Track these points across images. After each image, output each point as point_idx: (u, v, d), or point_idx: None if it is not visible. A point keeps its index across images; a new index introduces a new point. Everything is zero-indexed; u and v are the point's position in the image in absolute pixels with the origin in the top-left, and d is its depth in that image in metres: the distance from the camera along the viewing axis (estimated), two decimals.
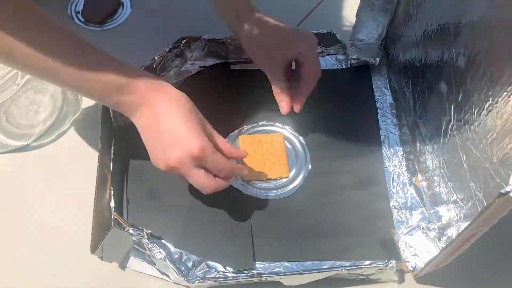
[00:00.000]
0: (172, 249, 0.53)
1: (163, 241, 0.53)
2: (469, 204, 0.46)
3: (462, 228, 0.46)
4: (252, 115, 0.62)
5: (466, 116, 0.45)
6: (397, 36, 0.62)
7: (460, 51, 0.46)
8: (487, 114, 0.41)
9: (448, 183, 0.51)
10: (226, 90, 0.65)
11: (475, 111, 0.43)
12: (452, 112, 0.48)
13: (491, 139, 0.41)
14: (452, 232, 0.50)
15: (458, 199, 0.49)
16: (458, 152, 0.48)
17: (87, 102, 0.65)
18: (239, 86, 0.65)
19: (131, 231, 0.49)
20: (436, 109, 0.52)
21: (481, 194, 0.43)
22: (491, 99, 0.40)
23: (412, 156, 0.60)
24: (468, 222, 0.45)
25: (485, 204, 0.42)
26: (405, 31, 0.60)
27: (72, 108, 0.64)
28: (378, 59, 0.66)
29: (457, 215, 0.49)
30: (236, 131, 0.62)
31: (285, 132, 0.62)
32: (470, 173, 0.45)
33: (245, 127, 0.62)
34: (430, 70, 0.53)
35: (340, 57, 0.68)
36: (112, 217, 0.51)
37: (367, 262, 0.52)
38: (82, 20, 0.72)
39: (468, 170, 0.46)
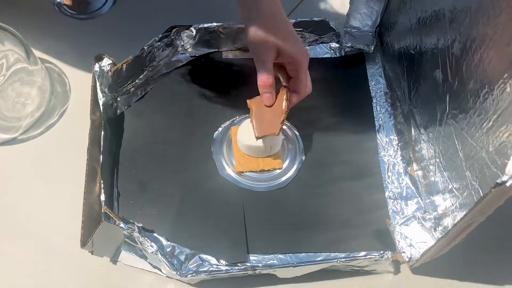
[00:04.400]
0: (165, 242, 0.52)
1: (155, 234, 0.52)
2: (465, 193, 0.45)
3: (458, 217, 0.46)
4: (244, 105, 0.61)
5: (462, 104, 0.44)
6: (392, 23, 0.61)
7: (455, 38, 0.45)
8: (483, 102, 0.40)
9: (444, 173, 0.50)
10: (218, 80, 0.64)
11: (471, 99, 0.43)
12: (448, 100, 0.47)
13: (487, 127, 0.40)
14: (448, 222, 0.49)
15: (454, 189, 0.48)
16: (454, 141, 0.47)
17: (76, 94, 0.63)
18: (231, 75, 0.64)
19: (121, 225, 0.48)
20: (432, 97, 0.51)
21: (477, 183, 0.43)
22: (487, 87, 0.40)
23: (407, 146, 0.59)
24: (464, 212, 0.45)
25: (481, 193, 0.42)
26: (399, 18, 0.58)
27: (61, 100, 0.63)
28: (372, 47, 0.64)
29: (453, 205, 0.49)
30: (228, 121, 0.61)
31: None
32: (466, 163, 0.45)
33: (237, 118, 0.61)
34: (425, 57, 0.52)
35: (334, 45, 0.67)
36: (103, 210, 0.50)
37: (362, 254, 0.51)
38: (66, 7, 0.70)
39: (464, 159, 0.45)
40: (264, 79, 0.53)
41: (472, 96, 0.42)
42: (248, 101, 0.56)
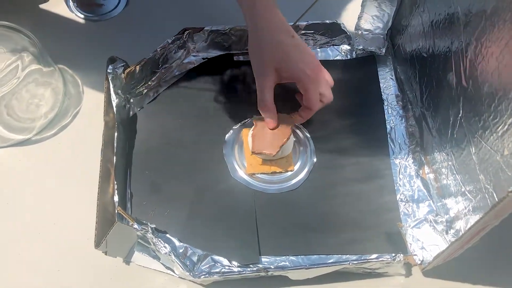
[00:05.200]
0: (177, 243, 0.52)
1: (167, 235, 0.52)
2: (479, 197, 0.45)
3: (471, 220, 0.46)
4: (255, 107, 0.61)
5: (476, 107, 0.44)
6: (404, 26, 0.61)
7: (470, 41, 0.45)
8: (499, 106, 0.40)
9: (456, 176, 0.50)
10: (229, 82, 0.64)
11: (485, 103, 0.43)
12: (461, 103, 0.47)
13: (502, 131, 0.40)
14: (461, 225, 0.49)
15: (466, 192, 0.48)
16: (467, 144, 0.47)
17: (88, 96, 0.64)
18: (242, 77, 0.64)
19: (135, 226, 0.49)
20: (444, 100, 0.51)
21: (491, 187, 0.43)
22: (502, 90, 0.40)
23: (418, 148, 0.59)
24: (477, 215, 0.45)
25: (495, 197, 0.42)
26: (411, 21, 0.58)
27: (74, 101, 0.63)
28: (383, 50, 0.64)
29: (465, 208, 0.48)
30: (239, 123, 0.61)
31: None
32: (480, 166, 0.45)
33: (249, 120, 0.61)
34: (438, 60, 0.52)
35: (345, 47, 0.67)
36: (116, 211, 0.51)
37: (374, 256, 0.51)
38: (78, 9, 0.71)
39: (478, 163, 0.45)
40: (261, 105, 0.53)
41: (486, 100, 0.42)
42: (255, 116, 0.57)
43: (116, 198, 0.52)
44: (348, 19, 0.66)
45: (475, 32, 0.43)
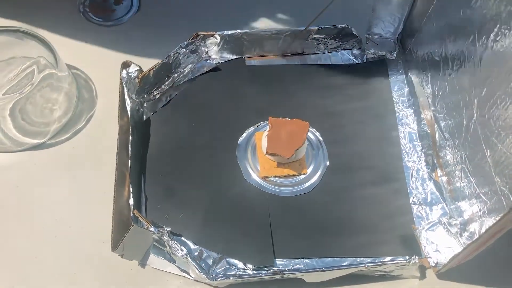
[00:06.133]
0: (192, 246, 0.52)
1: (182, 238, 0.53)
2: (494, 199, 0.45)
3: (486, 223, 0.46)
4: (267, 111, 0.62)
5: (491, 110, 0.45)
6: (415, 30, 0.62)
7: (485, 45, 0.45)
8: None
9: (471, 178, 0.50)
10: (241, 86, 0.64)
11: (501, 105, 0.43)
12: (476, 106, 0.48)
13: None
14: (475, 227, 0.50)
15: (481, 194, 0.48)
16: (482, 147, 0.47)
17: (102, 100, 0.64)
18: (254, 82, 0.65)
19: (152, 228, 0.49)
20: (458, 103, 0.52)
21: (507, 189, 0.43)
22: None
23: (431, 151, 0.59)
24: (493, 217, 0.45)
25: None
26: (423, 25, 0.59)
27: (87, 106, 0.64)
28: (394, 54, 0.65)
29: (480, 210, 0.49)
30: (252, 127, 0.62)
31: None
32: (495, 169, 0.45)
33: (261, 123, 0.62)
34: (451, 64, 0.53)
35: (356, 52, 0.67)
36: (132, 214, 0.51)
37: (388, 258, 0.51)
38: (91, 14, 0.71)
39: (493, 165, 0.45)
40: None
41: (502, 102, 0.42)
42: (271, 118, 0.57)
43: (131, 201, 0.52)
44: (359, 24, 0.66)
45: (490, 36, 0.44)
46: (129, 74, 0.59)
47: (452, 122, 0.54)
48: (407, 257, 0.51)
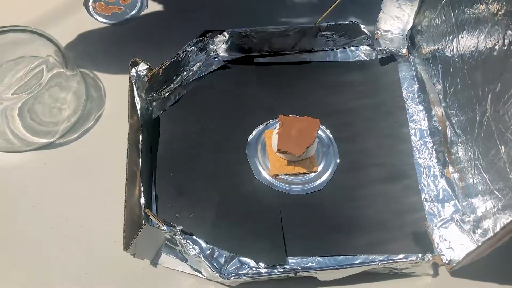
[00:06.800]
0: (204, 245, 0.52)
1: (194, 237, 0.52)
2: (509, 195, 0.45)
3: (501, 220, 0.46)
4: (277, 109, 0.61)
5: (506, 106, 0.44)
6: (425, 26, 0.61)
7: (498, 40, 0.45)
8: None
9: (484, 175, 0.50)
10: (250, 84, 0.64)
11: None
12: (489, 102, 0.47)
13: None
14: (489, 224, 0.49)
15: (495, 191, 0.48)
16: (496, 143, 0.47)
17: (110, 99, 0.64)
18: (263, 79, 0.65)
19: (164, 227, 0.49)
20: (470, 99, 0.51)
21: None
22: None
23: (442, 148, 0.59)
24: (507, 214, 0.45)
25: None
26: (434, 20, 0.58)
27: (96, 105, 0.64)
28: (404, 50, 0.64)
29: (494, 207, 0.48)
30: (262, 125, 0.61)
31: None
32: (511, 165, 0.44)
33: (271, 121, 0.62)
34: (463, 60, 0.52)
35: (365, 48, 0.67)
36: (144, 213, 0.51)
37: (401, 256, 0.51)
38: (99, 13, 0.71)
39: (508, 161, 0.45)
40: None
41: None
42: (281, 115, 0.56)
43: (142, 200, 0.52)
44: (368, 20, 0.66)
45: (505, 30, 0.43)
46: (138, 72, 0.58)
47: (464, 118, 0.53)
48: (420, 255, 0.50)
